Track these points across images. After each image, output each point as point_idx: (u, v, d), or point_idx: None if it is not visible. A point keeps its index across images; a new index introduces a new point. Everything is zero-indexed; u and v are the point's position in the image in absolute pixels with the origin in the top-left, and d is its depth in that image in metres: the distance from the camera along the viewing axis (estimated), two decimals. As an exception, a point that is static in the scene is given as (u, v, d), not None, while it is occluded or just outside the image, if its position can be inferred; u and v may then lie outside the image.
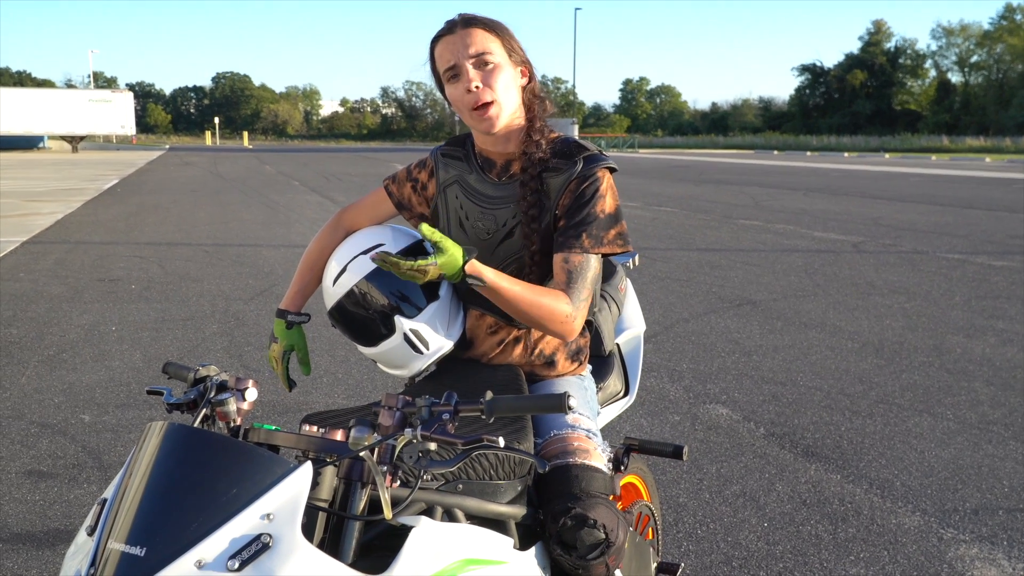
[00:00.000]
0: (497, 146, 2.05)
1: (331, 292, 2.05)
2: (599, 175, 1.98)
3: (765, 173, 31.25)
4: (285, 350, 2.18)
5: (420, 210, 2.20)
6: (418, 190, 2.19)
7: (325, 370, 5.53)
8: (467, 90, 1.93)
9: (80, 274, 9.04)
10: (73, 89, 60.17)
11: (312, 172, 30.55)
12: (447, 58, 1.94)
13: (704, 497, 3.71)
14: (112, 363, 5.67)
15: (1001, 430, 4.51)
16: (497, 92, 1.94)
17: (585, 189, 1.96)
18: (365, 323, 2.03)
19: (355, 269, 2.01)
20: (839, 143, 67.33)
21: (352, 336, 2.09)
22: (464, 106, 1.96)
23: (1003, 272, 9.39)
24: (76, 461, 4.05)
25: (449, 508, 1.68)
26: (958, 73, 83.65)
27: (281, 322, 2.18)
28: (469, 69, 1.93)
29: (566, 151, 2.00)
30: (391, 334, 2.02)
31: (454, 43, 1.94)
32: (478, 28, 1.95)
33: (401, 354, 2.05)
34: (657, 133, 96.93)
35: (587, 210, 1.95)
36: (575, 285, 1.91)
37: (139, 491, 1.31)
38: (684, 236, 12.45)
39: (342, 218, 2.26)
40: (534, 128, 2.02)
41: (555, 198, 1.98)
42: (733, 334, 6.55)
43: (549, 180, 1.99)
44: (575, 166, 1.97)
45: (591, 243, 1.94)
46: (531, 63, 2.04)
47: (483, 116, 1.94)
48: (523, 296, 1.85)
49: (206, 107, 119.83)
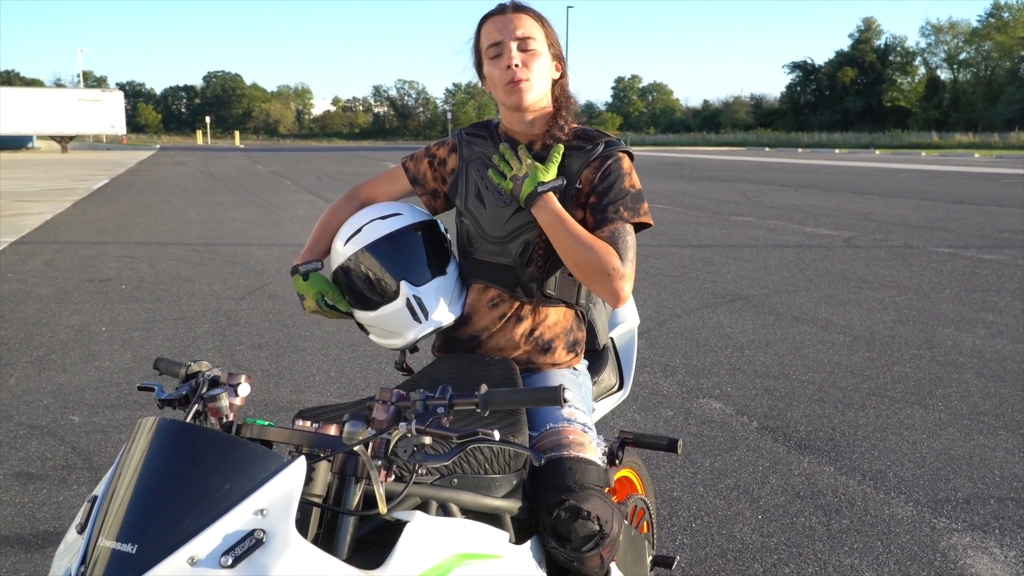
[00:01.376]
0: (523, 127, 2.15)
1: (341, 251, 2.12)
2: (620, 156, 2.11)
3: (757, 170, 31.29)
4: (316, 299, 2.16)
5: (433, 186, 2.30)
6: (435, 166, 2.29)
7: (318, 368, 5.51)
8: (507, 66, 2.05)
9: (70, 274, 9.00)
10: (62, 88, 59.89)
11: (304, 171, 30.49)
12: (494, 35, 2.07)
13: (698, 491, 3.71)
14: (102, 363, 5.65)
15: (992, 420, 4.52)
16: (532, 74, 2.06)
17: (610, 166, 2.08)
18: (370, 285, 2.10)
19: (370, 231, 2.10)
20: (830, 140, 67.52)
21: (353, 298, 2.14)
22: (500, 81, 2.07)
23: (992, 265, 9.42)
24: (66, 462, 4.02)
25: (444, 503, 1.67)
26: (947, 70, 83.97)
27: (297, 278, 2.16)
28: (512, 48, 2.06)
29: (588, 135, 2.14)
30: (394, 298, 2.09)
31: (503, 23, 2.07)
32: (527, 15, 2.09)
33: (399, 320, 2.10)
34: (649, 131, 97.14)
35: (618, 185, 2.07)
36: (619, 247, 2.01)
37: (130, 487, 1.30)
38: (677, 232, 12.46)
39: (357, 191, 2.36)
40: (559, 115, 2.14)
41: (576, 174, 2.08)
42: (726, 329, 6.56)
43: (569, 159, 2.10)
44: (597, 147, 2.10)
45: (629, 214, 2.06)
46: (565, 61, 2.19)
47: (515, 88, 2.05)
48: (582, 234, 1.99)
49: (197, 106, 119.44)
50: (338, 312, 2.18)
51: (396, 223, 2.11)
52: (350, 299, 2.15)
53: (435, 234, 2.18)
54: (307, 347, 6.04)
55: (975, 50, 79.79)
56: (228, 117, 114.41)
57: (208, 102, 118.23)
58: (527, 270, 2.11)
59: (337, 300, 2.16)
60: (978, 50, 79.40)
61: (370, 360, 5.69)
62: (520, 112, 2.11)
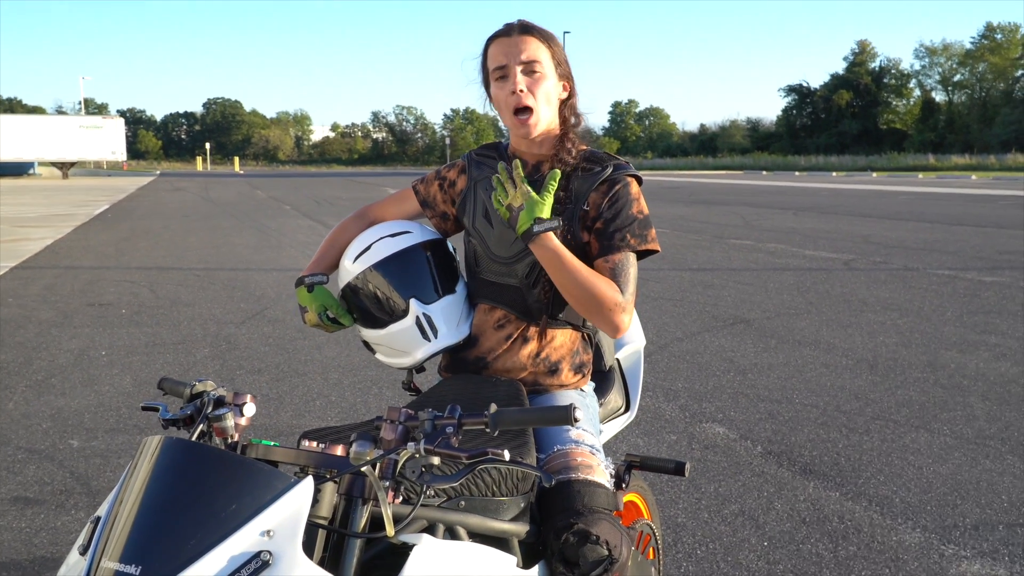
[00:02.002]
0: (532, 148, 2.15)
1: (350, 269, 2.11)
2: (628, 180, 2.10)
3: (754, 193, 31.38)
4: (319, 312, 2.13)
5: (443, 208, 2.28)
6: (445, 187, 2.28)
7: (318, 393, 5.48)
8: (512, 92, 2.05)
9: (70, 299, 8.98)
10: (64, 115, 60.08)
11: (303, 197, 30.55)
12: (499, 59, 2.06)
13: (703, 516, 3.67)
14: (101, 388, 5.61)
15: (998, 445, 4.49)
16: (538, 99, 2.06)
17: (619, 191, 2.07)
18: (379, 303, 2.08)
19: (380, 248, 2.09)
20: (827, 163, 67.75)
21: (361, 316, 2.13)
22: (506, 106, 2.08)
23: (993, 287, 9.41)
24: (64, 487, 3.99)
25: (451, 525, 1.64)
26: (942, 92, 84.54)
27: (302, 289, 2.14)
28: (517, 73, 2.04)
29: (597, 158, 2.13)
30: (403, 316, 2.07)
31: (508, 46, 2.06)
32: (533, 37, 2.07)
33: (408, 338, 2.09)
34: (647, 155, 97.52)
35: (625, 211, 2.06)
36: (621, 279, 2.01)
37: (135, 508, 1.27)
38: (676, 256, 12.46)
39: (366, 210, 2.34)
40: (567, 137, 2.13)
41: (583, 196, 2.07)
42: (727, 353, 6.54)
43: (576, 182, 2.08)
44: (605, 170, 2.09)
45: (636, 241, 2.05)
46: (573, 79, 2.16)
47: (524, 123, 2.06)
48: (581, 271, 1.96)
49: (197, 133, 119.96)
50: (339, 325, 2.17)
51: (406, 241, 2.11)
52: (358, 317, 2.14)
53: (444, 253, 2.17)
54: (307, 371, 6.01)
55: (969, 72, 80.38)
56: (228, 143, 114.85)
57: (208, 128, 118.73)
58: (533, 291, 2.09)
59: (340, 314, 2.13)
60: (972, 72, 79.98)
61: (371, 384, 5.66)
62: (528, 140, 2.12)
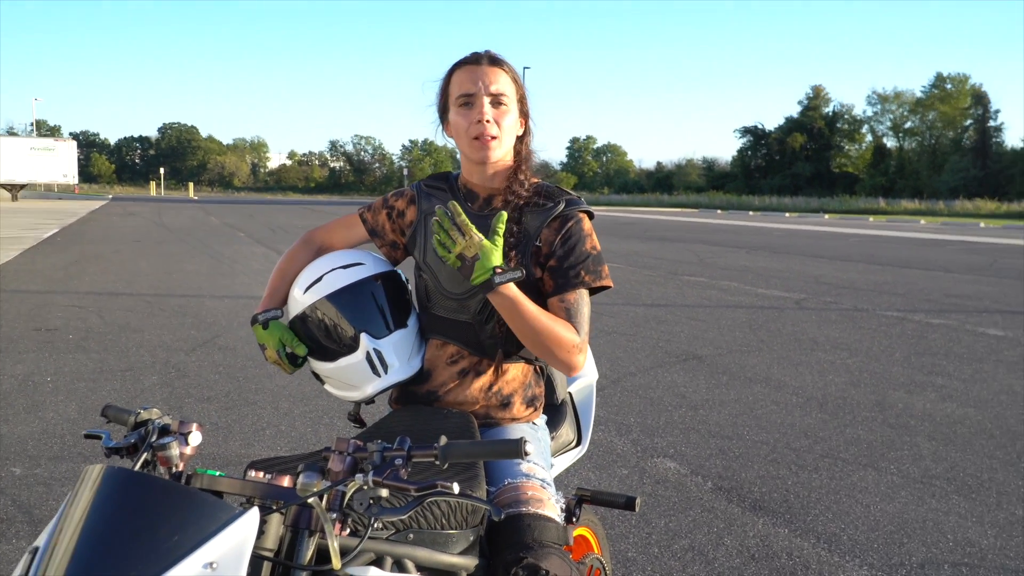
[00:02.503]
0: (484, 180, 2.13)
1: (300, 300, 2.08)
2: (581, 216, 2.10)
3: (709, 231, 31.77)
4: (277, 349, 2.10)
5: (392, 238, 2.25)
6: (393, 217, 2.24)
7: (268, 422, 5.41)
8: (477, 120, 2.04)
9: (15, 323, 8.78)
10: (15, 137, 59.07)
11: (258, 224, 30.30)
12: (467, 86, 2.04)
13: (653, 551, 3.67)
14: (46, 414, 5.48)
15: (944, 484, 4.56)
16: (503, 131, 2.07)
17: (571, 228, 2.07)
18: (328, 335, 2.05)
19: (331, 280, 2.05)
20: (780, 203, 68.86)
21: (312, 346, 2.09)
22: (467, 134, 2.06)
23: (940, 330, 9.60)
24: (5, 515, 3.88)
25: (399, 558, 1.63)
26: (893, 138, 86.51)
27: (258, 327, 2.11)
28: (485, 103, 2.04)
29: (549, 192, 2.12)
30: (353, 350, 2.04)
31: (477, 74, 2.05)
32: (503, 70, 2.08)
33: (357, 373, 2.06)
34: (603, 191, 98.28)
35: (579, 248, 2.06)
36: (576, 319, 2.01)
37: (74, 538, 1.24)
38: (631, 291, 12.55)
39: (313, 236, 2.31)
40: (520, 170, 2.13)
41: (536, 232, 2.06)
42: (680, 388, 6.58)
43: (528, 216, 2.08)
44: (558, 206, 2.08)
45: (590, 278, 2.06)
46: (530, 116, 2.17)
47: (484, 144, 2.05)
48: (539, 316, 1.95)
49: (151, 157, 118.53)
50: (297, 366, 2.13)
51: (358, 273, 2.07)
52: (310, 347, 2.10)
53: (397, 285, 2.14)
54: (258, 400, 5.93)
55: (920, 119, 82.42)
56: (183, 169, 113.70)
57: (162, 153, 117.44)
58: (486, 327, 2.08)
59: (296, 345, 2.10)
60: (923, 119, 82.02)
61: (322, 415, 5.60)
62: (482, 165, 2.10)
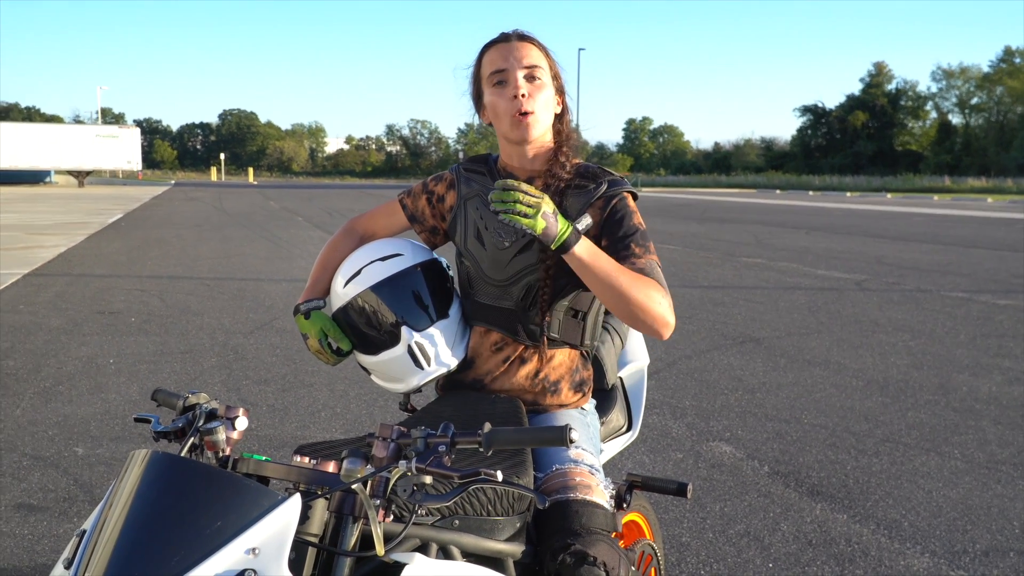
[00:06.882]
0: (523, 162, 2.09)
1: (341, 293, 2.05)
2: (625, 195, 2.03)
3: (767, 212, 31.30)
4: (319, 338, 2.08)
5: (432, 223, 2.22)
6: (433, 203, 2.21)
7: (323, 404, 5.47)
8: (513, 96, 1.98)
9: (80, 306, 9.00)
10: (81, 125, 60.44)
11: (316, 208, 30.64)
12: (498, 63, 2.00)
13: (708, 536, 3.63)
14: (108, 395, 5.61)
15: (1010, 470, 4.43)
16: (538, 106, 2.00)
17: (616, 206, 2.01)
18: (370, 328, 2.02)
19: (370, 273, 2.02)
20: (841, 183, 67.62)
21: (356, 339, 2.07)
22: (505, 111, 2.00)
23: (1007, 311, 9.33)
24: (67, 495, 3.98)
25: (444, 545, 1.62)
26: (959, 115, 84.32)
27: (300, 317, 2.09)
28: (519, 77, 1.98)
29: (591, 173, 2.06)
30: (395, 344, 2.01)
31: (508, 51, 2.01)
32: (534, 45, 2.03)
33: (400, 366, 2.03)
34: (660, 172, 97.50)
35: (626, 224, 1.98)
36: (657, 276, 1.92)
37: (119, 523, 1.25)
38: (687, 273, 12.42)
39: (355, 225, 2.28)
40: (561, 151, 2.07)
41: (578, 214, 1.99)
42: (736, 371, 6.49)
43: (570, 198, 2.02)
44: (600, 187, 2.02)
45: (641, 251, 1.96)
46: (567, 95, 2.11)
47: (522, 122, 1.98)
48: (623, 271, 1.86)
49: (212, 143, 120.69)
50: (340, 357, 2.11)
51: (397, 264, 2.03)
52: (352, 340, 2.07)
53: (437, 273, 2.09)
54: (314, 383, 5.99)
55: (987, 95, 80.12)
56: (242, 154, 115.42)
57: (223, 139, 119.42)
58: (530, 314, 2.04)
59: (339, 339, 2.07)
60: (989, 95, 79.74)
61: (376, 396, 5.64)
62: (522, 146, 2.05)
